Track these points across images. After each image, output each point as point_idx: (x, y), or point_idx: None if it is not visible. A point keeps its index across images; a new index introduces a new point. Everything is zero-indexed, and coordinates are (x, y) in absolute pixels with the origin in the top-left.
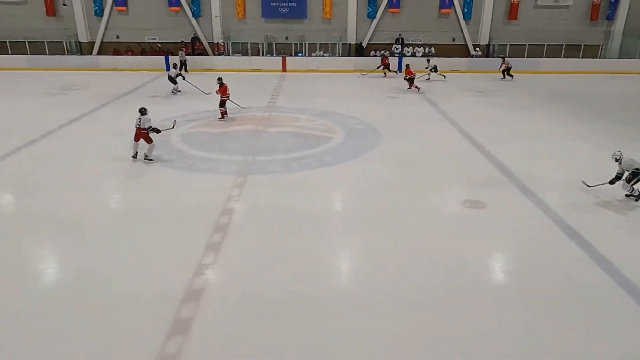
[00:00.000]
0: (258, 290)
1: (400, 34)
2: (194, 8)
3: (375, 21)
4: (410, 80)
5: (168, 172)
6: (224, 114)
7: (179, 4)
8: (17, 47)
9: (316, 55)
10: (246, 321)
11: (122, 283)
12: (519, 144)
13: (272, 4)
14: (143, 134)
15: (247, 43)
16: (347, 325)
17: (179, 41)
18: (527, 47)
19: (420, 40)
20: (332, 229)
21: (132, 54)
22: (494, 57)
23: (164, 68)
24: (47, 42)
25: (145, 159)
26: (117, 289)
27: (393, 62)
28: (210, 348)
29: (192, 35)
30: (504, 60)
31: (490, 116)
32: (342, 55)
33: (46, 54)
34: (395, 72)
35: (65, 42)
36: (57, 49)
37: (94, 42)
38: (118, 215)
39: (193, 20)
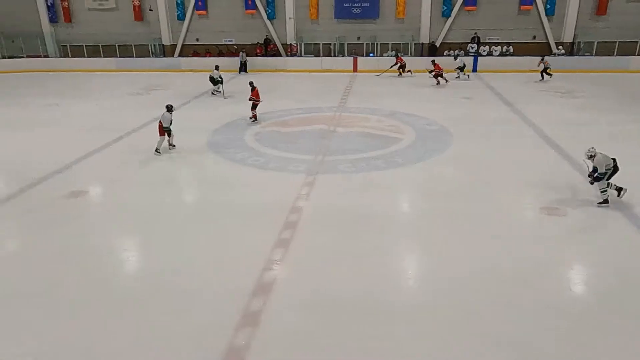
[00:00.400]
0: (324, 287)
1: (475, 33)
2: (269, 11)
3: (450, 20)
4: (438, 76)
5: (241, 169)
6: (255, 117)
7: (254, 7)
8: (108, 51)
9: (387, 56)
10: (312, 317)
11: (196, 274)
12: (605, 148)
13: (344, 5)
14: (160, 128)
15: (319, 44)
16: (409, 329)
17: (254, 43)
18: (617, 44)
19: (498, 39)
20: (400, 231)
21: (209, 56)
22: (579, 55)
23: (238, 69)
24: (134, 45)
25: (155, 151)
26: (192, 279)
27: (468, 61)
28: (277, 341)
29: (265, 37)
30: (542, 59)
31: (573, 118)
32: (415, 55)
33: (133, 57)
34: (410, 72)
35: (150, 45)
36: (143, 51)
37: (176, 45)
38: (193, 209)
39: (268, 23)
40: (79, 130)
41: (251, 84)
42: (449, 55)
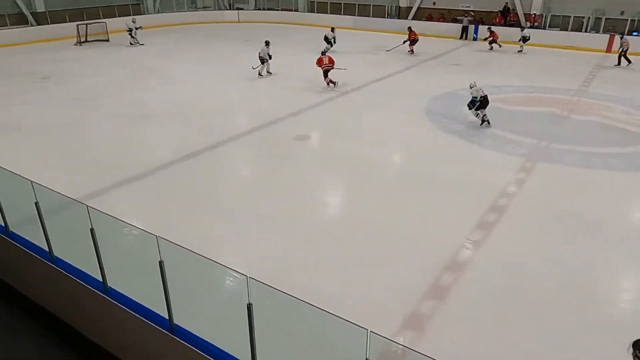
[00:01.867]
0: (518, 280)
1: None
2: None
3: None
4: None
5: (453, 141)
6: (328, 82)
7: None
8: (348, 8)
9: None
10: (499, 304)
11: (394, 241)
12: None
13: None
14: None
15: (569, 16)
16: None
17: (492, 11)
18: None
19: None
20: (621, 243)
21: (443, 21)
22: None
23: (472, 37)
24: (372, 5)
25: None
26: (389, 244)
27: None
28: (459, 319)
29: (505, 4)
30: (622, 37)
31: None
32: None
33: (369, 17)
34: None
35: (387, 6)
36: (379, 11)
37: (412, 7)
38: (400, 173)
39: None
40: (313, 81)
41: (323, 53)
42: None
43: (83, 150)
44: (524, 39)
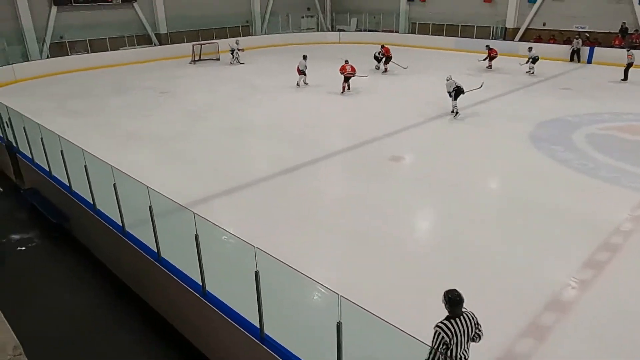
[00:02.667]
0: (631, 328)
1: None
2: None
3: None
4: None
5: (561, 170)
6: (344, 88)
7: None
8: (450, 30)
9: None
10: (606, 354)
11: (499, 264)
12: None
13: None
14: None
15: None
16: None
17: (610, 32)
18: None
19: None
20: None
21: (554, 42)
22: None
23: (585, 60)
24: (476, 26)
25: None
26: (492, 268)
27: None
28: None
29: (622, 24)
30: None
31: None
32: None
33: (473, 37)
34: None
35: (492, 27)
36: (483, 33)
37: (519, 28)
38: (501, 198)
39: (637, 8)
40: (411, 100)
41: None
42: None
43: (192, 160)
44: (534, 60)
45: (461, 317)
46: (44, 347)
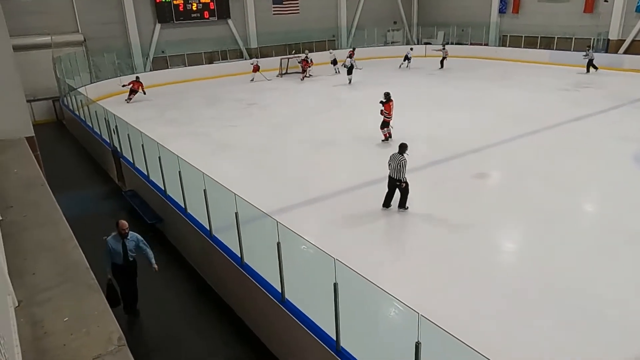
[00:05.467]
0: None
1: None
2: None
3: None
4: None
5: None
6: (386, 136)
7: None
8: (544, 42)
9: None
10: None
11: (602, 301)
12: None
13: None
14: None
15: None
16: None
17: None
18: None
19: None
20: None
21: None
22: None
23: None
24: (575, 38)
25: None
26: (595, 306)
27: None
28: None
29: None
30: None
31: None
32: None
33: (570, 50)
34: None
35: (593, 39)
36: (582, 45)
37: (624, 40)
38: (605, 232)
39: None
40: (500, 115)
41: (387, 94)
42: None
43: (276, 170)
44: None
45: None
46: (138, 340)
